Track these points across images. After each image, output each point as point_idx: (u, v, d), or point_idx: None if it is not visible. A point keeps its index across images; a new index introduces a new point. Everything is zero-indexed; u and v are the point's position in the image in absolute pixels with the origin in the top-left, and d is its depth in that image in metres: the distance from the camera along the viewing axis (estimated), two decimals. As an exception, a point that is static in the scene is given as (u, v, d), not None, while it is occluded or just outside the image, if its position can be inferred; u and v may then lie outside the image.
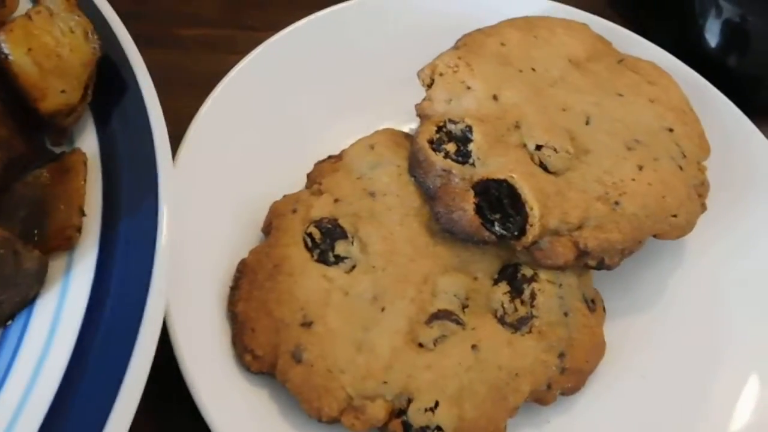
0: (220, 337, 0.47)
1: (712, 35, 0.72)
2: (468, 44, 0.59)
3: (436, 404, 0.45)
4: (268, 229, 0.52)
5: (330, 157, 0.56)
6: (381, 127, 0.58)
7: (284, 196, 0.53)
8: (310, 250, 0.50)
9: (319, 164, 0.56)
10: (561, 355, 0.49)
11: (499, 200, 0.50)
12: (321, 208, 0.51)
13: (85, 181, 0.43)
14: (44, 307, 0.41)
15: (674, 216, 0.54)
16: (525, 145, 0.53)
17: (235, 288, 0.49)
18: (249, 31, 0.70)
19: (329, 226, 0.50)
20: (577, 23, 0.64)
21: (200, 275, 0.49)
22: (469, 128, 0.53)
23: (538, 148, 0.53)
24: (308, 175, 0.55)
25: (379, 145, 0.55)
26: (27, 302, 0.41)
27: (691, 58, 0.68)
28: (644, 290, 0.56)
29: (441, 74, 0.56)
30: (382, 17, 0.65)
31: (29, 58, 0.42)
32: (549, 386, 0.49)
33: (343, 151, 0.56)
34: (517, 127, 0.54)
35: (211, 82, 0.58)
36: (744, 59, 0.72)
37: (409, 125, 0.59)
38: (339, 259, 0.49)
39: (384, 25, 0.65)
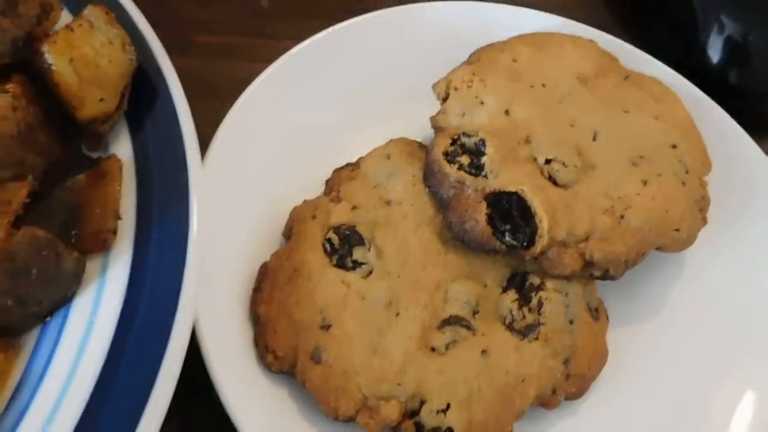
0: (243, 336, 0.50)
1: (715, 51, 0.74)
2: (481, 59, 0.61)
3: (448, 406, 0.48)
4: (288, 233, 0.54)
5: (347, 164, 0.58)
6: (396, 137, 0.60)
7: (304, 202, 0.55)
8: (329, 255, 0.52)
9: (337, 171, 0.58)
10: (566, 362, 0.52)
11: (509, 212, 0.52)
12: (339, 215, 0.53)
13: (120, 186, 0.45)
14: (81, 306, 0.43)
15: (676, 230, 0.56)
16: (535, 159, 0.55)
17: (257, 290, 0.51)
18: (268, 40, 0.72)
19: (347, 232, 0.53)
20: (585, 40, 0.66)
21: (225, 277, 0.51)
22: (483, 142, 0.55)
23: (548, 162, 0.55)
24: (327, 182, 0.58)
25: (395, 154, 0.57)
26: (66, 300, 0.43)
27: (693, 74, 0.70)
28: (646, 300, 0.59)
29: (456, 88, 0.58)
30: (398, 30, 0.67)
31: (70, 68, 0.44)
32: (554, 391, 0.51)
33: (360, 159, 0.58)
34: (528, 141, 0.56)
35: (230, 89, 0.60)
36: (745, 75, 0.74)
37: (423, 135, 0.61)
38: (356, 265, 0.52)
39: (400, 37, 0.67)
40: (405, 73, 0.65)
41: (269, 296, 0.50)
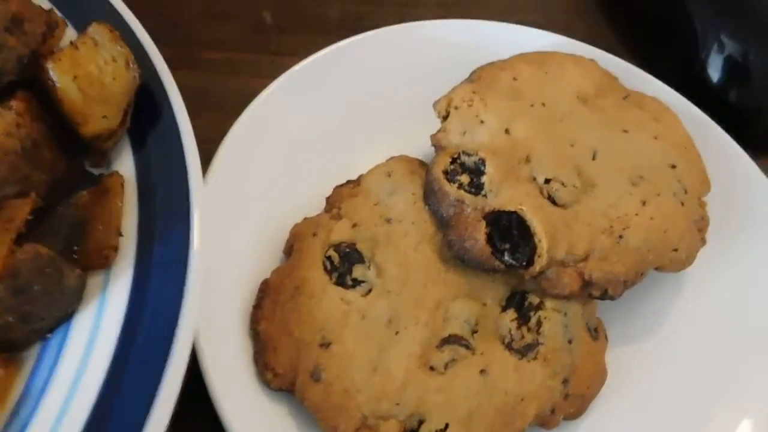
0: (243, 353, 0.50)
1: (714, 70, 0.75)
2: (482, 78, 0.62)
3: (446, 426, 0.48)
4: (289, 251, 0.54)
5: (348, 182, 0.58)
6: (396, 154, 0.60)
7: (305, 219, 0.56)
8: (329, 272, 0.52)
9: (338, 189, 0.58)
10: (565, 381, 0.52)
11: (509, 231, 0.53)
12: (340, 233, 0.54)
13: (122, 202, 0.46)
14: (83, 322, 0.43)
15: (675, 250, 0.56)
16: (535, 179, 0.56)
17: (257, 307, 0.51)
18: (271, 56, 0.73)
19: (347, 250, 0.53)
20: (585, 59, 0.67)
21: (225, 294, 0.51)
22: (482, 161, 0.55)
23: (547, 181, 0.55)
24: (327, 199, 0.58)
25: (396, 172, 0.58)
26: (67, 317, 0.43)
27: (692, 92, 0.71)
28: (645, 320, 0.59)
29: (456, 107, 0.59)
30: (399, 48, 0.68)
31: (75, 85, 0.45)
32: (553, 411, 0.51)
33: (360, 177, 0.58)
34: (528, 160, 0.56)
35: (234, 104, 0.61)
36: (745, 94, 0.75)
37: (423, 153, 0.62)
38: (356, 283, 0.52)
39: (400, 55, 0.67)
40: (406, 91, 0.65)
41: (270, 313, 0.50)
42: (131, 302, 0.43)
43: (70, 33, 0.49)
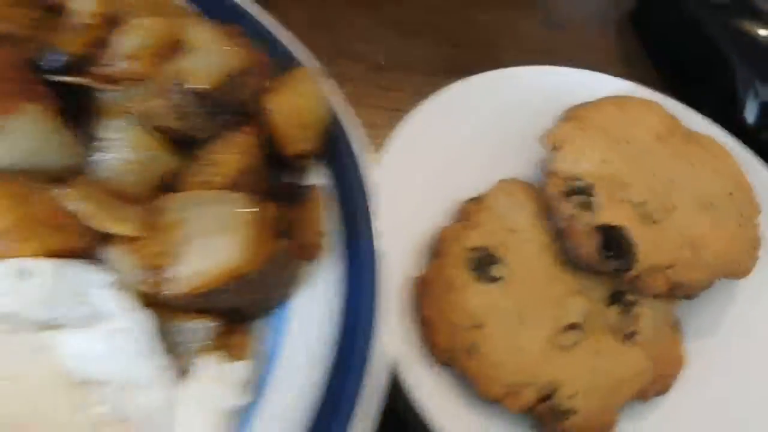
0: (411, 336, 0.61)
1: (751, 113, 0.89)
2: (577, 117, 0.75)
3: (574, 394, 0.59)
4: (437, 253, 0.66)
5: (473, 198, 0.70)
6: (505, 177, 0.73)
7: (445, 227, 0.68)
8: (472, 270, 0.64)
9: (466, 204, 0.70)
10: (655, 364, 0.64)
11: (614, 242, 0.65)
12: (476, 239, 0.66)
13: (322, 209, 0.57)
14: (298, 302, 0.54)
15: (737, 262, 0.69)
16: (630, 201, 0.68)
17: (420, 297, 0.63)
18: (386, 91, 0.85)
19: (484, 253, 0.65)
20: (654, 102, 0.80)
21: (395, 287, 0.63)
22: (589, 185, 0.68)
23: (640, 204, 0.68)
24: (458, 212, 0.70)
25: (513, 192, 0.70)
26: (287, 298, 0.54)
27: (734, 131, 0.84)
28: (714, 317, 0.72)
29: (561, 141, 0.71)
30: (500, 90, 0.80)
31: (284, 114, 0.56)
32: (647, 387, 0.63)
33: (484, 194, 0.70)
34: (623, 186, 0.69)
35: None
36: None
37: (526, 176, 0.74)
38: (494, 280, 0.64)
39: (503, 95, 0.80)
40: (507, 124, 0.78)
41: (429, 303, 0.62)
42: (335, 289, 0.54)
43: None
